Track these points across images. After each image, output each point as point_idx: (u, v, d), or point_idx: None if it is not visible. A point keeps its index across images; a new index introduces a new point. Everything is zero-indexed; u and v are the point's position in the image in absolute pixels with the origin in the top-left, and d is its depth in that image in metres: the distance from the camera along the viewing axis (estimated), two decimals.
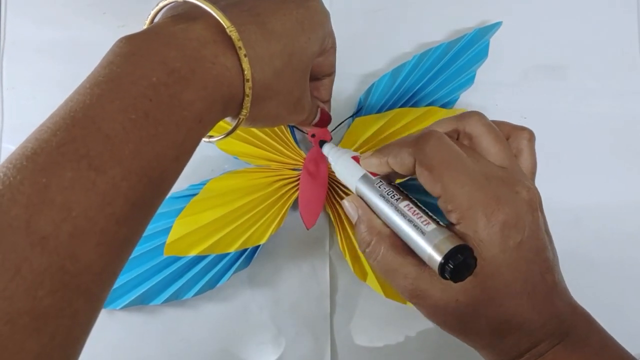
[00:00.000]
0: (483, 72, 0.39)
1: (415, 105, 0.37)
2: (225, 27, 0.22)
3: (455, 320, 0.26)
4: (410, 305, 0.34)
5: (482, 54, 0.38)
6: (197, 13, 0.22)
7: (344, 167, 0.30)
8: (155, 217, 0.34)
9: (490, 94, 0.40)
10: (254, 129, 0.35)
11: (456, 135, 0.28)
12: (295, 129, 0.36)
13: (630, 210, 0.40)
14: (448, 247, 0.23)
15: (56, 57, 0.37)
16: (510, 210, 0.24)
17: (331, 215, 0.36)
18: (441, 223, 0.25)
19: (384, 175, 0.28)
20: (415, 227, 0.25)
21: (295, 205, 0.35)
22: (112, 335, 0.35)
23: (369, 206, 0.28)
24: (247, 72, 0.22)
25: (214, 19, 0.22)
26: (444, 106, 0.38)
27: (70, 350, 0.18)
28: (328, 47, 0.29)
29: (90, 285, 0.18)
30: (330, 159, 0.32)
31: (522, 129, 0.28)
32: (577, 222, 0.38)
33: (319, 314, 0.36)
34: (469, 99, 0.39)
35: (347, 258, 0.35)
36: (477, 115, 0.28)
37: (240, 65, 0.22)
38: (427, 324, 0.37)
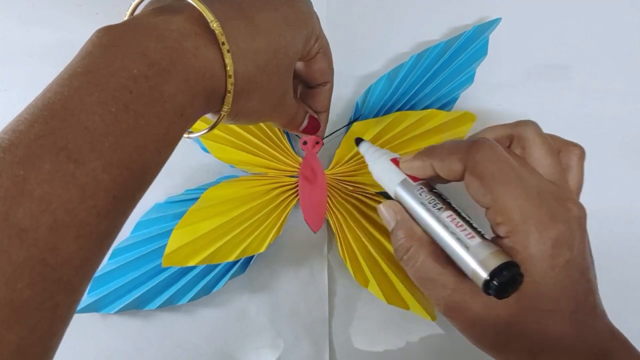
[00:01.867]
0: (483, 72, 0.38)
1: (414, 106, 0.37)
2: (209, 20, 0.21)
3: (492, 336, 0.25)
4: (411, 310, 0.34)
5: (482, 52, 0.38)
6: (180, 6, 0.22)
7: (382, 170, 0.29)
8: (150, 222, 0.34)
9: (491, 94, 0.40)
10: (250, 137, 0.35)
11: (508, 143, 0.28)
12: (291, 136, 0.36)
13: (638, 213, 0.39)
14: (494, 263, 0.22)
15: (48, 59, 0.36)
16: (564, 227, 0.23)
17: (330, 221, 0.35)
18: (485, 236, 0.24)
19: (425, 179, 0.27)
20: (459, 240, 0.24)
21: (293, 212, 0.35)
22: (106, 340, 0.35)
23: (407, 212, 0.27)
24: (230, 68, 0.22)
25: (197, 12, 0.22)
26: (443, 106, 0.38)
27: (50, 343, 0.18)
28: (314, 49, 0.28)
29: (71, 278, 0.18)
30: (368, 160, 0.30)
31: (574, 145, 0.28)
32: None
33: (318, 318, 0.36)
34: (469, 99, 0.39)
35: (348, 265, 0.34)
36: (533, 125, 0.27)
37: (223, 60, 0.22)
38: (427, 329, 0.36)
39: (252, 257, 0.34)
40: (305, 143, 0.35)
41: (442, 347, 0.37)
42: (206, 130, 0.25)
